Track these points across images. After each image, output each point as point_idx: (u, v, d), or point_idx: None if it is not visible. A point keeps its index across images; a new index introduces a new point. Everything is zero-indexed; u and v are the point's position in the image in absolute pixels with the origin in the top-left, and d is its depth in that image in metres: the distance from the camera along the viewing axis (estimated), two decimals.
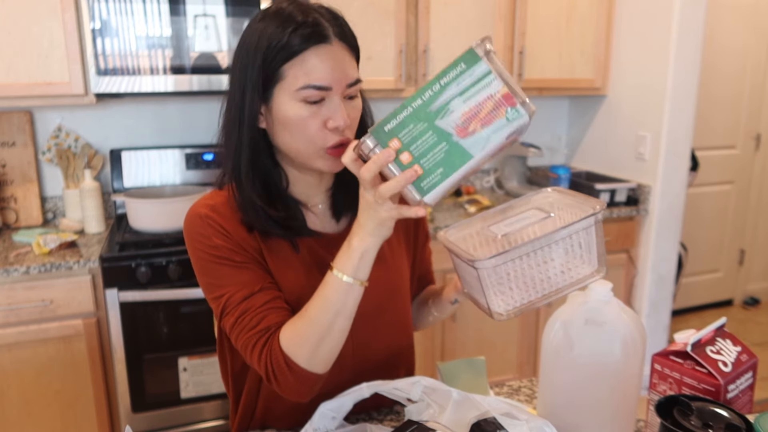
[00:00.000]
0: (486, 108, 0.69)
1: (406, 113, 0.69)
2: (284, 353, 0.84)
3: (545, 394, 0.86)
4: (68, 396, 1.97)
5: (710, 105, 3.38)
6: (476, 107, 0.69)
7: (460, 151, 0.69)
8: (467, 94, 0.68)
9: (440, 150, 0.69)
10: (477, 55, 0.68)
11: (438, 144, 0.69)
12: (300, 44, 0.80)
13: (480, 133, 0.69)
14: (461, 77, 0.68)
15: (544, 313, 2.58)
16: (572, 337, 0.79)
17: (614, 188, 2.62)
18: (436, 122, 0.69)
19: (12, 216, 2.29)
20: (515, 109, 0.69)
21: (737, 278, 3.86)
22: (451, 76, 0.68)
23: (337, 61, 0.83)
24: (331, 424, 0.84)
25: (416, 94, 0.69)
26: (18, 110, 2.25)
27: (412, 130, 0.69)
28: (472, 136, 0.69)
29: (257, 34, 0.83)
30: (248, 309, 0.87)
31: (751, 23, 3.42)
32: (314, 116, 0.83)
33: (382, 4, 2.33)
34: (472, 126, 0.69)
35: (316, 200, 0.98)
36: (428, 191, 0.71)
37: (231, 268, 0.89)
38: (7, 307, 1.85)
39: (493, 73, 0.69)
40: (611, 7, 2.70)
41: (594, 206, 0.77)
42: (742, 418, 0.72)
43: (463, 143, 0.69)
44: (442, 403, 0.84)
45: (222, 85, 2.10)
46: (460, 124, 0.69)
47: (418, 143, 0.69)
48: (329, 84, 0.82)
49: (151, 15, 1.98)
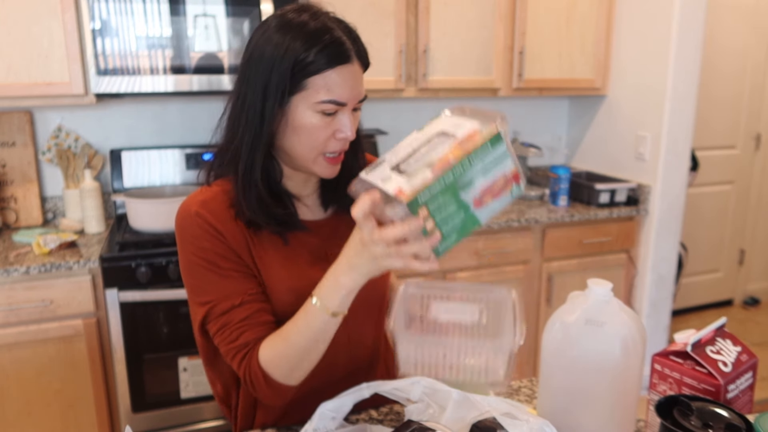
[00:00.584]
0: (499, 184, 0.77)
1: (440, 187, 0.74)
2: (263, 369, 0.89)
3: (545, 395, 0.86)
4: (68, 396, 1.97)
5: (710, 105, 3.38)
6: (492, 183, 0.76)
7: (472, 219, 0.77)
8: (487, 170, 0.75)
9: (458, 218, 0.76)
10: (501, 137, 0.75)
11: (457, 213, 0.76)
12: (326, 63, 0.86)
13: (489, 204, 0.77)
14: (486, 155, 0.75)
15: (543, 314, 2.58)
16: (572, 337, 0.79)
17: (614, 188, 2.62)
18: (460, 194, 0.75)
19: (12, 216, 2.29)
20: (518, 186, 0.78)
21: (737, 278, 3.86)
22: (480, 155, 0.74)
23: (356, 80, 0.90)
24: (331, 424, 0.84)
25: (451, 170, 0.74)
26: (18, 110, 2.25)
27: (440, 201, 0.74)
28: (484, 206, 0.77)
29: (282, 47, 0.86)
30: (228, 323, 0.92)
31: (751, 23, 3.43)
32: (326, 127, 0.90)
33: (382, 4, 2.33)
34: (485, 198, 0.76)
35: (307, 192, 1.02)
36: (441, 252, 0.77)
37: (215, 275, 0.92)
38: (7, 307, 1.85)
39: (509, 154, 0.76)
40: (611, 7, 2.70)
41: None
42: (742, 418, 0.72)
43: (476, 212, 0.76)
44: (442, 403, 0.84)
45: (222, 85, 2.11)
46: (477, 197, 0.76)
47: (442, 213, 0.75)
48: (346, 100, 0.89)
49: (151, 15, 1.98)
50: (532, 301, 2.58)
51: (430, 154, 0.76)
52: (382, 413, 1.02)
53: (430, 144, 0.78)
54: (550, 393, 0.85)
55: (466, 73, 2.52)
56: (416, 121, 2.87)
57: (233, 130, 0.92)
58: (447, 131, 0.78)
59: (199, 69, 2.06)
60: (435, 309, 0.97)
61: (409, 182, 0.73)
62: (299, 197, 1.00)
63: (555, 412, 0.83)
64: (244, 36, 2.09)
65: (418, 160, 0.76)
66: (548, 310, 2.58)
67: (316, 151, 0.91)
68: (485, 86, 2.56)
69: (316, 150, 0.91)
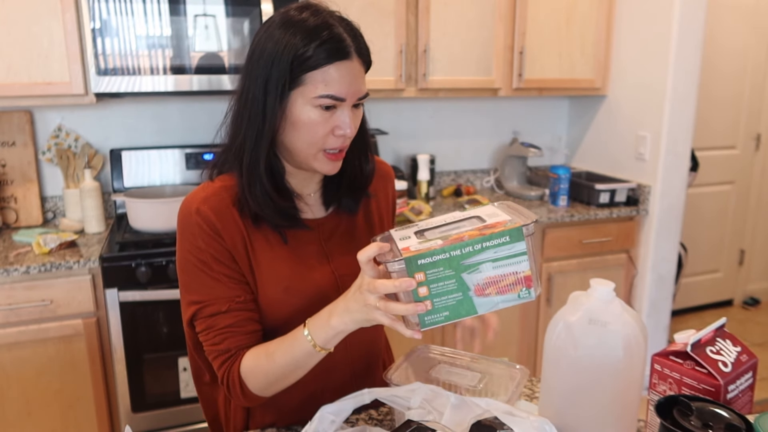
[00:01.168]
0: (507, 280, 0.76)
1: (442, 257, 0.74)
2: (241, 378, 0.92)
3: (547, 395, 0.86)
4: (68, 396, 1.97)
5: (710, 105, 3.38)
6: (500, 276, 0.75)
7: (469, 304, 0.76)
8: (499, 263, 0.75)
9: (454, 297, 0.75)
10: (522, 235, 0.74)
11: (455, 292, 0.75)
12: (325, 59, 0.86)
13: (492, 297, 0.76)
14: (501, 247, 0.74)
15: (544, 314, 2.58)
16: (576, 337, 0.79)
17: (614, 188, 2.62)
18: (463, 275, 0.75)
19: (12, 216, 2.29)
20: (529, 290, 0.77)
21: (737, 278, 3.86)
22: (494, 243, 0.74)
23: (354, 77, 0.89)
24: (330, 428, 0.84)
25: (459, 245, 0.74)
26: (18, 110, 2.25)
27: (440, 272, 0.74)
28: (485, 297, 0.76)
29: (282, 43, 0.87)
30: (212, 327, 0.94)
31: (751, 23, 3.42)
32: (325, 122, 0.90)
33: (382, 4, 2.33)
34: (489, 289, 0.76)
35: (309, 190, 1.03)
36: (428, 325, 0.77)
37: (207, 277, 0.93)
38: (7, 307, 1.85)
39: (527, 255, 0.75)
40: (611, 7, 2.70)
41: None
42: (742, 419, 0.72)
43: (475, 300, 0.76)
44: (441, 409, 0.84)
45: (222, 85, 2.10)
46: (480, 284, 0.75)
47: (439, 284, 0.75)
48: (345, 96, 0.89)
49: (151, 15, 1.98)
50: (532, 301, 2.57)
51: (454, 230, 0.77)
52: (382, 413, 1.02)
53: (460, 223, 0.79)
54: (552, 393, 0.85)
55: (466, 73, 2.52)
56: (416, 121, 2.87)
57: (237, 125, 0.93)
58: (482, 217, 0.80)
59: (199, 69, 2.06)
60: (437, 369, 1.00)
61: (419, 244, 0.75)
62: (301, 195, 1.01)
63: (557, 413, 0.83)
64: (244, 36, 2.09)
65: (442, 231, 0.78)
66: (548, 310, 2.58)
67: (315, 147, 0.91)
68: (485, 86, 2.56)
69: (316, 146, 0.91)
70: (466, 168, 3.02)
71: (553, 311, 0.78)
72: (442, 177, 2.96)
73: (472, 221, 0.79)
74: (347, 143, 0.94)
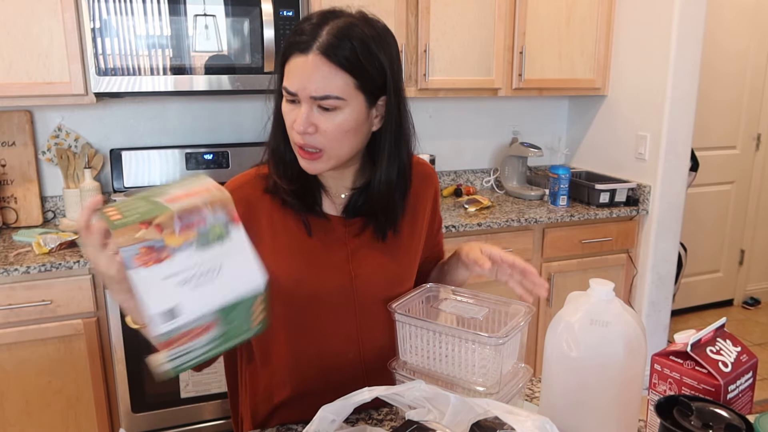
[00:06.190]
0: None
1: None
2: None
3: (548, 395, 0.86)
4: (68, 396, 1.97)
5: (710, 105, 3.38)
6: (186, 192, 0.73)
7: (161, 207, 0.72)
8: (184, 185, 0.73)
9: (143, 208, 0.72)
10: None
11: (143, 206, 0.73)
12: (286, 50, 0.91)
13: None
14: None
15: (543, 314, 2.58)
16: (577, 337, 0.79)
17: (614, 188, 2.62)
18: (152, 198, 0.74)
19: (12, 216, 2.29)
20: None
21: (737, 278, 3.86)
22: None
23: (308, 73, 0.88)
24: (330, 427, 0.84)
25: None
26: (18, 110, 2.25)
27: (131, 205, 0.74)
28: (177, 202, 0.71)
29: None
30: None
31: (751, 24, 3.43)
32: (288, 114, 0.93)
33: (382, 3, 2.33)
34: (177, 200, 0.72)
35: (339, 191, 1.04)
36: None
37: None
38: (7, 307, 1.85)
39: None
40: (611, 7, 2.70)
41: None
42: (742, 419, 0.72)
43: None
44: (442, 408, 0.84)
45: (223, 84, 2.11)
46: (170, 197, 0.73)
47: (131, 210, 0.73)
48: (295, 90, 0.90)
49: (151, 15, 1.98)
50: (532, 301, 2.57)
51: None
52: (382, 413, 1.02)
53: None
54: (553, 393, 0.84)
55: (466, 73, 2.52)
56: (416, 121, 2.86)
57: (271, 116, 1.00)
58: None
59: (199, 69, 2.06)
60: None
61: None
62: (329, 191, 1.03)
63: (558, 413, 0.83)
64: (244, 36, 2.09)
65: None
66: (548, 310, 2.58)
67: (291, 139, 0.95)
68: (485, 86, 2.56)
69: (291, 138, 0.95)
70: (466, 168, 3.02)
71: (553, 311, 0.78)
72: (442, 177, 2.96)
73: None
74: (309, 141, 0.91)
